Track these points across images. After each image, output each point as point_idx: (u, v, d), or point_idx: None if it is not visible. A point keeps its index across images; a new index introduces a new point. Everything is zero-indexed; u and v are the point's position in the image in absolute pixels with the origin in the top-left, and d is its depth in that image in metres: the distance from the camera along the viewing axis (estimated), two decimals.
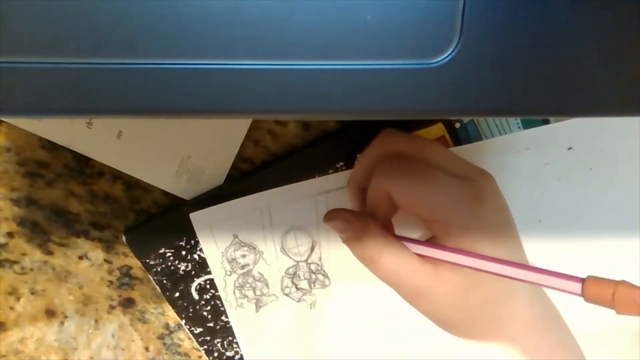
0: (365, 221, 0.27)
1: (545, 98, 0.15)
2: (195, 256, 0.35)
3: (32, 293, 0.36)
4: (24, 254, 0.35)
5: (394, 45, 0.15)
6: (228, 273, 0.36)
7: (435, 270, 0.25)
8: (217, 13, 0.14)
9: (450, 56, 0.15)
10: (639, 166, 0.34)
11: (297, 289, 0.37)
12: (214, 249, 0.35)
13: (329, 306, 0.37)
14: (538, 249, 0.35)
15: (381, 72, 0.15)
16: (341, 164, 0.34)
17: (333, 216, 0.28)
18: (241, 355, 0.37)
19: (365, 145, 0.33)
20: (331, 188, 0.34)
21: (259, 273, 0.36)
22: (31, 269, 0.35)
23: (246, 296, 0.36)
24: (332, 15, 0.14)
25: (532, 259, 0.36)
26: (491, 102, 0.15)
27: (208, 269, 0.35)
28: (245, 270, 0.36)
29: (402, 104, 0.15)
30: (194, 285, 0.36)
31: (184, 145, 0.33)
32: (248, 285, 0.36)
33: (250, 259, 0.35)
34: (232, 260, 0.35)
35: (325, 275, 0.36)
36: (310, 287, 0.37)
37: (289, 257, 0.36)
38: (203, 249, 0.35)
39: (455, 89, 0.15)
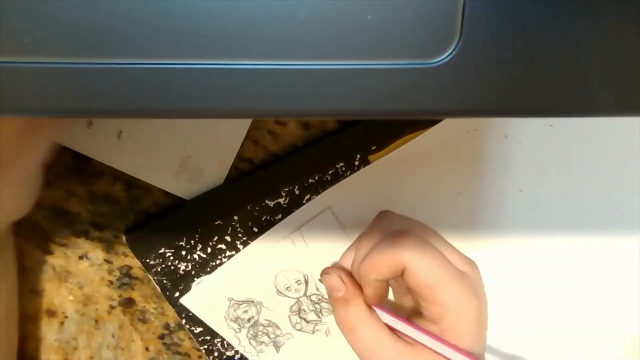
0: (357, 287, 0.28)
1: (545, 98, 0.15)
2: (195, 256, 0.35)
3: (32, 293, 0.36)
4: (24, 254, 0.35)
5: (394, 45, 0.15)
6: (237, 330, 0.37)
7: (411, 351, 0.26)
8: (217, 13, 0.14)
9: (450, 56, 0.15)
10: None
11: (307, 322, 0.37)
12: (215, 318, 0.36)
13: None
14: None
15: (381, 72, 0.15)
16: (341, 164, 0.33)
17: (330, 271, 0.29)
18: (241, 355, 0.37)
19: (364, 146, 0.33)
20: (301, 223, 0.34)
21: (266, 320, 0.37)
22: (31, 269, 0.35)
23: (263, 342, 0.37)
24: (332, 15, 0.14)
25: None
26: (491, 102, 0.15)
27: (208, 269, 0.35)
28: (252, 322, 0.36)
29: (402, 104, 0.15)
30: (194, 285, 0.36)
31: (184, 145, 0.33)
32: (261, 333, 0.37)
33: (253, 312, 0.36)
34: (236, 319, 0.36)
35: (328, 301, 0.36)
36: (318, 316, 0.37)
37: (287, 297, 0.36)
38: (206, 322, 0.36)
39: (455, 89, 0.15)
